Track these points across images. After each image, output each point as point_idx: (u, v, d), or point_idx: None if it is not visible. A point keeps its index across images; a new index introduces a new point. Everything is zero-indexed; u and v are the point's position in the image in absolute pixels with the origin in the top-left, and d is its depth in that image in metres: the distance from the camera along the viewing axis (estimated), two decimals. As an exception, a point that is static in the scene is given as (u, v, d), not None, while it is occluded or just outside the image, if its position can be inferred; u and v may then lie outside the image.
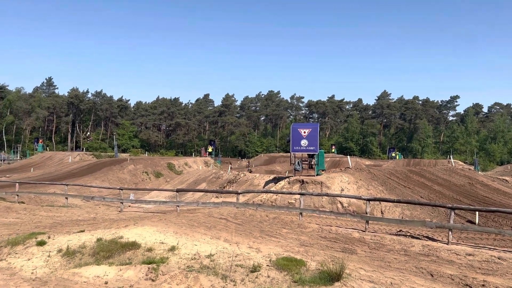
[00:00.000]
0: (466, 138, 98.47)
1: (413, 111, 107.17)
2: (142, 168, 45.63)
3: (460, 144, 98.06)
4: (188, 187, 32.14)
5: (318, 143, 23.15)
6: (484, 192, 23.77)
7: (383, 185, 22.20)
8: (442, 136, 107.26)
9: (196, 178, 35.57)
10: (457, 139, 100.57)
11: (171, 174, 47.68)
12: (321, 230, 12.46)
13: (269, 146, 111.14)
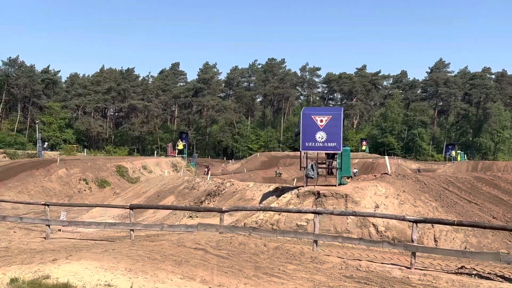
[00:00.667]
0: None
1: (483, 89, 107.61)
2: (79, 174, 45.41)
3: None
4: (148, 203, 31.87)
5: (341, 137, 23.12)
6: None
7: (437, 200, 22.23)
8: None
9: (160, 188, 35.41)
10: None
11: (122, 182, 47.48)
12: (346, 266, 12.48)
13: (268, 141, 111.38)
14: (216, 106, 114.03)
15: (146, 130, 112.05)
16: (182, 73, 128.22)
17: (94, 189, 44.10)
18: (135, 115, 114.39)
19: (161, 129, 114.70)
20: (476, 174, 30.81)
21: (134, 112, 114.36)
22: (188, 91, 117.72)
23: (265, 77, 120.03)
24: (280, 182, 42.29)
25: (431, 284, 11.20)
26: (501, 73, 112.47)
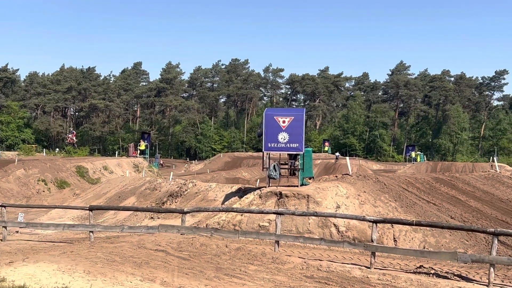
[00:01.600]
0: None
1: (442, 92, 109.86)
2: (38, 175, 44.60)
3: (509, 141, 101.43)
4: (109, 204, 31.51)
5: (303, 138, 23.25)
6: (541, 211, 24.60)
7: (397, 200, 22.58)
8: (483, 128, 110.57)
9: (121, 189, 35.05)
10: (504, 133, 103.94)
11: (82, 183, 46.81)
12: (307, 266, 12.57)
13: (232, 141, 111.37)
14: (179, 106, 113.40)
15: (108, 130, 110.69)
16: (145, 73, 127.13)
17: (53, 190, 43.39)
18: (96, 115, 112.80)
19: (122, 129, 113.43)
20: (435, 175, 31.42)
21: (95, 111, 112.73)
22: (151, 91, 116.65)
23: (229, 78, 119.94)
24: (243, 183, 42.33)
25: (390, 283, 11.37)
26: (460, 75, 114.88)
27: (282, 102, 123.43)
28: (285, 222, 19.13)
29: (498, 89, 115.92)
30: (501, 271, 14.57)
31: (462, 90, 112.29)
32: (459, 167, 59.54)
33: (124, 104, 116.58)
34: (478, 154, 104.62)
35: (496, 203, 24.69)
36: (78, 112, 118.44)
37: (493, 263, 12.00)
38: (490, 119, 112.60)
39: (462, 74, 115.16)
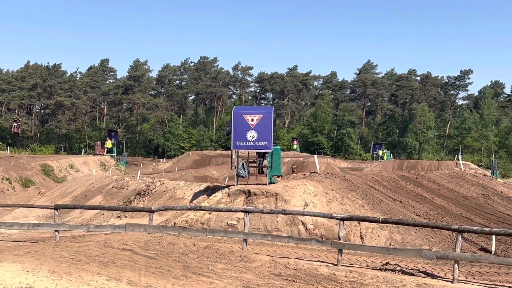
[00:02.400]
0: (481, 131, 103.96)
1: (409, 91, 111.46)
2: (2, 173, 43.81)
3: (473, 139, 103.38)
4: (74, 203, 31.22)
5: (272, 136, 23.33)
6: (504, 208, 25.13)
7: (364, 198, 22.83)
8: (449, 127, 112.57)
9: (87, 188, 34.71)
10: (469, 131, 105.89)
11: (47, 182, 46.13)
12: (275, 264, 12.60)
13: (200, 140, 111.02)
14: (147, 104, 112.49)
15: (74, 128, 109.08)
16: (112, 70, 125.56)
17: (18, 188, 42.65)
18: (62, 112, 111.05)
19: (89, 127, 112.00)
20: (401, 173, 31.87)
21: (61, 109, 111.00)
22: (118, 88, 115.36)
23: (198, 76, 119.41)
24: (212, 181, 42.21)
25: (357, 280, 11.48)
26: (426, 75, 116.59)
27: (251, 101, 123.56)
28: (253, 220, 19.16)
29: (463, 88, 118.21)
30: (465, 268, 14.84)
31: (428, 89, 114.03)
32: (425, 165, 60.45)
33: (91, 101, 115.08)
34: (443, 152, 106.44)
35: (460, 200, 25.18)
36: (44, 110, 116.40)
37: (457, 259, 12.21)
38: (455, 118, 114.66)
39: (428, 73, 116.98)
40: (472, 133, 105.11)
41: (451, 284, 11.56)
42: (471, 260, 13.31)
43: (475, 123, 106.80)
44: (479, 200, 25.90)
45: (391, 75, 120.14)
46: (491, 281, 13.10)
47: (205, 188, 26.45)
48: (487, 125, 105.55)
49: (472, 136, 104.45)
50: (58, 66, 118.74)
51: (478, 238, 18.98)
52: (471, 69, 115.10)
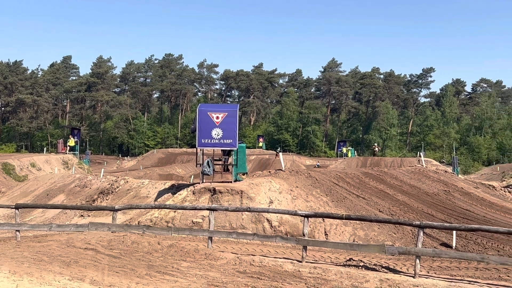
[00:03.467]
0: (443, 128, 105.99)
1: (372, 89, 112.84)
2: (-40, 172, 42.80)
3: (435, 136, 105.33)
4: (36, 202, 30.73)
5: (237, 133, 23.36)
6: (465, 204, 25.76)
7: (328, 195, 23.07)
8: (411, 124, 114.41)
9: (50, 187, 34.18)
10: (431, 129, 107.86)
11: (8, 181, 45.30)
12: (239, 261, 12.63)
13: (166, 137, 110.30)
14: (111, 102, 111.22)
15: (36, 126, 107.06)
16: (75, 67, 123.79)
17: (-23, 188, 41.70)
18: (23, 110, 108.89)
19: (51, 125, 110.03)
20: (364, 169, 32.31)
21: (22, 106, 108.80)
22: (81, 86, 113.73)
23: (162, 73, 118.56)
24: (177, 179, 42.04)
25: (321, 276, 11.59)
26: (389, 73, 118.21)
27: (217, 98, 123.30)
28: (218, 218, 19.18)
29: (425, 86, 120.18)
30: (426, 263, 15.15)
31: (391, 87, 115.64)
32: (388, 162, 61.25)
33: (53, 99, 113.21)
34: (406, 149, 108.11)
35: (422, 196, 25.68)
36: (4, 107, 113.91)
37: (419, 255, 12.43)
38: (417, 116, 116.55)
39: (391, 71, 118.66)
40: (434, 130, 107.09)
41: (413, 279, 11.76)
42: (433, 255, 13.56)
43: (437, 121, 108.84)
44: (440, 196, 26.45)
45: (355, 73, 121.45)
46: (452, 275, 13.39)
47: (170, 186, 26.32)
48: (449, 123, 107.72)
49: (434, 133, 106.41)
50: (19, 62, 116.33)
51: (439, 234, 19.39)
52: (433, 68, 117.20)
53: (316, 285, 10.67)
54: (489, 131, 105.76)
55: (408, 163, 54.16)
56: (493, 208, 25.87)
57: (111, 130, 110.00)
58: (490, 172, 76.48)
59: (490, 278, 13.31)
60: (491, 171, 77.24)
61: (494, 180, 60.06)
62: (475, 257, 12.94)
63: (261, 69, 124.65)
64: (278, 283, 10.63)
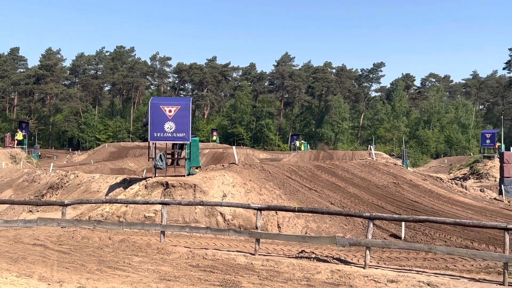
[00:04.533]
0: (393, 122, 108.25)
1: (325, 83, 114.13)
2: None
3: (386, 130, 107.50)
4: (-18, 197, 29.92)
5: (190, 127, 23.26)
6: (413, 195, 26.42)
7: (281, 188, 23.25)
8: (362, 118, 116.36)
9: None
10: (381, 122, 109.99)
11: (-48, 176, 43.79)
12: (192, 255, 12.61)
13: (117, 131, 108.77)
14: (61, 94, 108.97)
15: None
16: (23, 59, 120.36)
17: None
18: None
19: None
20: (316, 163, 32.70)
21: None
22: (29, 78, 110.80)
23: (114, 65, 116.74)
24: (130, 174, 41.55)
25: (273, 269, 11.69)
26: (341, 67, 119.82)
27: (170, 91, 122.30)
28: (171, 212, 19.08)
29: (376, 80, 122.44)
30: (376, 253, 15.47)
31: (343, 81, 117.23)
32: (340, 155, 62.15)
33: (0, 91, 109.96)
34: (357, 142, 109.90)
35: (372, 189, 26.19)
36: None
37: (368, 246, 12.69)
38: (368, 109, 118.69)
39: (343, 66, 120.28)
40: (384, 124, 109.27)
41: (363, 270, 11.99)
42: (382, 246, 13.87)
43: (387, 114, 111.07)
44: (390, 188, 27.04)
45: (307, 67, 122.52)
46: (400, 266, 13.72)
47: (121, 181, 26.02)
48: (399, 116, 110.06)
49: (384, 126, 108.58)
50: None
51: (389, 225, 19.81)
52: (383, 62, 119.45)
53: (269, 278, 10.75)
54: (437, 125, 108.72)
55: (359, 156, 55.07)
56: (440, 200, 26.61)
57: (60, 123, 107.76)
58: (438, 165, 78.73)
59: (437, 267, 13.69)
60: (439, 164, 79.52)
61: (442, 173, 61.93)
62: (423, 247, 13.30)
63: (214, 63, 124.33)
64: (231, 276, 10.66)
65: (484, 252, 13.84)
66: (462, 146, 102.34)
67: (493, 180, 50.09)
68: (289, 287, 10.10)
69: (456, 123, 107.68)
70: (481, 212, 24.93)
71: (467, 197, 29.73)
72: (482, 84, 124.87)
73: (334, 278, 11.05)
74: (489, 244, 17.67)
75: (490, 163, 59.17)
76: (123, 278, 9.91)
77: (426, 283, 10.73)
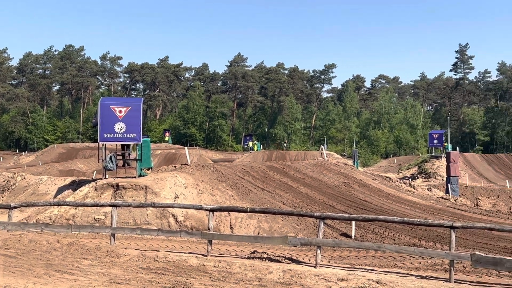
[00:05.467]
0: (344, 122, 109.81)
1: (277, 83, 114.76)
2: None
3: (337, 130, 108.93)
4: None
5: (141, 128, 23.04)
6: (363, 195, 26.93)
7: (234, 189, 23.28)
8: (314, 119, 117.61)
9: None
10: (333, 123, 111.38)
11: None
12: (143, 258, 12.49)
13: (66, 132, 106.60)
14: (7, 94, 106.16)
15: None
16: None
17: None
18: None
19: None
20: (269, 163, 32.90)
21: None
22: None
23: (63, 65, 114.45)
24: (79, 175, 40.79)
25: (225, 269, 11.69)
26: (293, 68, 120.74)
27: (121, 91, 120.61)
28: (122, 214, 18.84)
29: (327, 81, 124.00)
30: (328, 253, 15.66)
31: (295, 82, 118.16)
32: (293, 156, 62.66)
33: None
34: (309, 143, 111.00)
35: (323, 188, 26.53)
36: None
37: (319, 245, 12.82)
38: (320, 110, 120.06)
39: (295, 67, 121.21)
40: (335, 124, 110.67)
41: (314, 269, 12.12)
42: (333, 245, 14.05)
43: (339, 115, 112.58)
44: (340, 188, 27.46)
45: (260, 68, 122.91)
46: (351, 264, 13.93)
47: (70, 183, 25.53)
48: (349, 117, 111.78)
49: (335, 127, 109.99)
50: None
51: (339, 224, 20.11)
52: (334, 64, 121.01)
53: (221, 279, 10.75)
54: (387, 125, 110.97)
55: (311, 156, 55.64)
56: (389, 199, 27.21)
57: (7, 124, 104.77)
58: (387, 165, 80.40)
59: (386, 266, 13.96)
60: (388, 164, 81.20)
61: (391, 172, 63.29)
62: (372, 246, 13.55)
63: (166, 62, 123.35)
64: (182, 278, 10.61)
65: (431, 250, 14.20)
66: (410, 146, 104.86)
67: (441, 179, 51.48)
68: (241, 287, 10.13)
69: (405, 123, 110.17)
70: (428, 210, 25.63)
71: (415, 196, 30.51)
72: (430, 86, 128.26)
73: (286, 277, 11.13)
74: (436, 242, 18.17)
75: (438, 163, 60.88)
76: (71, 282, 9.74)
77: (375, 281, 10.92)
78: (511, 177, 55.01)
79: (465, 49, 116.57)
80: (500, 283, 11.62)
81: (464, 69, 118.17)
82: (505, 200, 36.20)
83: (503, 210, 29.79)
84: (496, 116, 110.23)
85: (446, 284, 11.22)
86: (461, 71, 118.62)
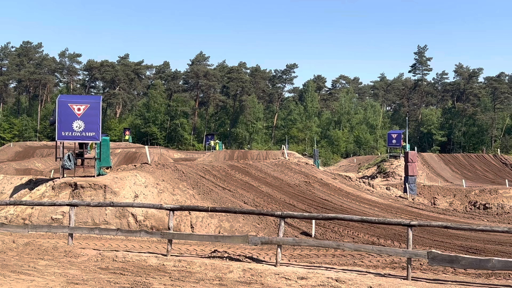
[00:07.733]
0: (305, 122, 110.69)
1: (239, 83, 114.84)
2: None
3: (298, 130, 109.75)
4: None
5: (100, 126, 22.73)
6: (324, 194, 27.18)
7: (194, 188, 23.20)
8: (276, 118, 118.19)
9: None
10: (294, 123, 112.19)
11: None
12: (102, 258, 12.35)
13: (23, 130, 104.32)
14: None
15: None
16: None
17: None
18: None
19: None
20: (230, 162, 32.89)
21: None
22: None
23: (20, 61, 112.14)
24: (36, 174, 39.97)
25: (185, 269, 11.64)
26: (255, 68, 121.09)
27: (80, 89, 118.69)
28: (80, 213, 18.58)
29: (289, 81, 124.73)
30: (288, 251, 15.76)
31: (257, 81, 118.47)
32: (254, 155, 62.84)
33: None
34: (271, 142, 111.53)
35: (284, 187, 26.67)
36: None
37: (280, 244, 12.90)
38: (282, 110, 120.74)
39: (257, 66, 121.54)
40: (297, 124, 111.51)
41: (274, 268, 12.18)
42: (293, 244, 14.14)
43: (300, 115, 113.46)
44: (301, 187, 27.66)
45: (222, 67, 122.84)
46: (311, 263, 14.06)
47: (27, 182, 24.99)
48: (311, 117, 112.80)
49: (297, 127, 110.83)
50: None
51: (300, 223, 20.25)
52: (296, 64, 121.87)
53: (181, 278, 10.70)
54: (347, 125, 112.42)
55: (273, 156, 55.89)
56: (349, 198, 27.53)
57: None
58: (347, 164, 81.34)
59: (345, 264, 14.14)
60: (348, 163, 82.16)
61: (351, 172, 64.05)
62: (332, 244, 13.68)
63: (127, 60, 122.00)
64: (141, 278, 10.51)
65: (389, 248, 14.41)
66: (370, 145, 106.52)
67: (399, 179, 52.39)
68: (201, 287, 10.10)
69: (364, 123, 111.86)
70: (387, 209, 26.04)
71: (374, 195, 30.96)
72: (389, 86, 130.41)
73: (246, 276, 11.15)
74: (394, 240, 18.48)
75: (396, 162, 61.98)
76: (28, 282, 9.55)
77: (334, 279, 11.04)
78: (467, 177, 56.47)
79: (424, 51, 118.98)
80: (456, 280, 11.89)
81: (423, 70, 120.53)
82: (461, 199, 37.10)
83: (459, 209, 30.55)
84: (453, 117, 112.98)
85: (404, 281, 11.42)
86: (420, 72, 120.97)
